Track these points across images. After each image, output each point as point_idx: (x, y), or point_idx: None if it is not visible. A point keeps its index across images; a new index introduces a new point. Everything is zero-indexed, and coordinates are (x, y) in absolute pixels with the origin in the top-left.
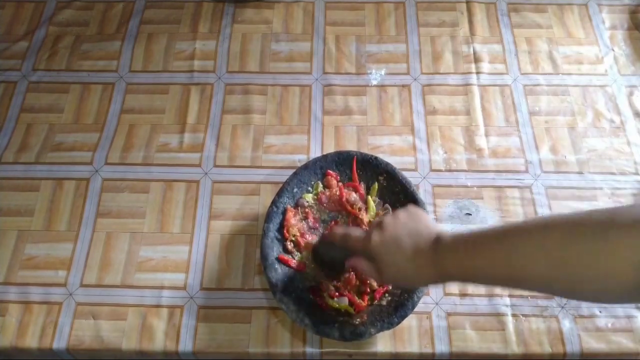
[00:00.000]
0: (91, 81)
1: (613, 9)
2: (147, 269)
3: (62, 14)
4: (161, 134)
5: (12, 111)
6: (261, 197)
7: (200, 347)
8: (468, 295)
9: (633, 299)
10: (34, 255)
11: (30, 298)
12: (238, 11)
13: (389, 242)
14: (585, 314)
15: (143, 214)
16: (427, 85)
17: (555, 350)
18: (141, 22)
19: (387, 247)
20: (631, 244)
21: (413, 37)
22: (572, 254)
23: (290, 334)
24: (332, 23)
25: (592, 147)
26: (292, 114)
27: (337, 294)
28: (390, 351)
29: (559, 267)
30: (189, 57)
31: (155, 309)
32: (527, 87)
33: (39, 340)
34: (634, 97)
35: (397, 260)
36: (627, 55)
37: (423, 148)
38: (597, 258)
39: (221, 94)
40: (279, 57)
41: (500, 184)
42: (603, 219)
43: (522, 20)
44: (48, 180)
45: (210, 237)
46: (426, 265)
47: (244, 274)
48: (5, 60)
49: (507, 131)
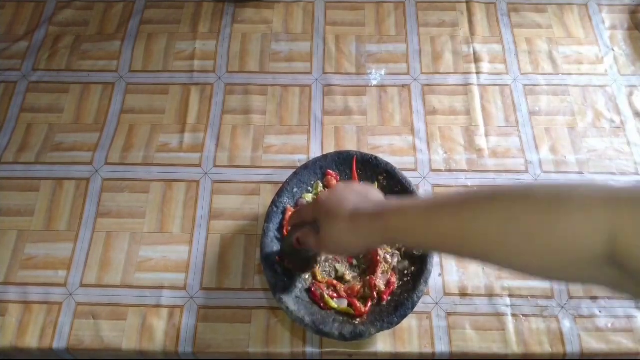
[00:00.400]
0: (91, 81)
1: (613, 9)
2: (147, 269)
3: (62, 14)
4: (161, 134)
5: (12, 111)
6: (261, 197)
7: (200, 347)
8: (468, 295)
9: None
10: (33, 255)
11: (30, 298)
12: (238, 11)
13: (333, 199)
14: (585, 314)
15: (143, 214)
16: (427, 85)
17: (555, 350)
18: (141, 22)
19: (330, 203)
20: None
21: (413, 37)
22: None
23: (290, 334)
24: (332, 23)
25: (592, 147)
26: (292, 114)
27: (337, 295)
28: (390, 351)
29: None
30: (189, 57)
31: (155, 309)
32: (527, 87)
33: (39, 340)
34: (634, 97)
35: (336, 218)
36: (627, 55)
37: (423, 148)
38: (551, 230)
39: (221, 94)
40: (279, 57)
41: (500, 184)
42: (555, 193)
43: (522, 20)
44: (48, 180)
45: (210, 237)
46: (367, 226)
47: (244, 274)
48: (5, 60)
49: (507, 131)
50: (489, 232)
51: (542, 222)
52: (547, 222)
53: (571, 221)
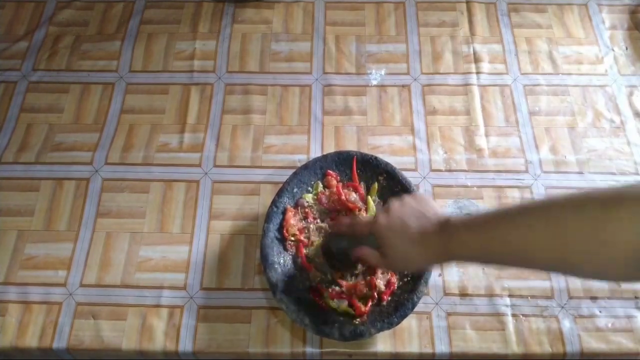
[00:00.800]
0: (91, 81)
1: (613, 9)
2: (147, 269)
3: (62, 14)
4: (161, 134)
5: (12, 111)
6: (261, 197)
7: (200, 347)
8: (468, 295)
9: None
10: (33, 255)
11: (30, 298)
12: (238, 11)
13: (396, 223)
14: (585, 314)
15: (143, 214)
16: (427, 85)
17: (555, 350)
18: (141, 22)
19: (394, 228)
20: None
21: (413, 37)
22: (577, 227)
23: (290, 334)
24: (332, 23)
25: (592, 147)
26: (292, 114)
27: (338, 295)
28: (390, 351)
29: (564, 241)
30: (189, 57)
31: (155, 309)
32: (527, 87)
33: (39, 340)
34: (634, 97)
35: (403, 242)
36: (627, 55)
37: (423, 148)
38: (603, 230)
39: (221, 94)
40: (279, 57)
41: (500, 184)
42: (608, 194)
43: (522, 20)
44: (48, 180)
45: (210, 237)
46: (433, 245)
47: (244, 274)
48: (5, 60)
49: (507, 131)
50: (544, 241)
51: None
52: (601, 222)
53: (622, 220)
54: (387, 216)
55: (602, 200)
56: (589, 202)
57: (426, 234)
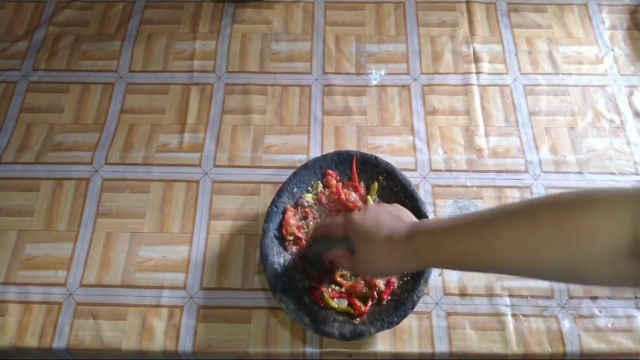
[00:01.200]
0: (91, 81)
1: (613, 9)
2: (147, 269)
3: (62, 14)
4: (161, 134)
5: (12, 111)
6: (261, 197)
7: (200, 347)
8: (468, 295)
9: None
10: (33, 255)
11: (30, 298)
12: (238, 11)
13: (368, 222)
14: (585, 314)
15: (143, 214)
16: (427, 86)
17: (555, 350)
18: (141, 22)
19: (365, 226)
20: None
21: (413, 37)
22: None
23: (290, 333)
24: (332, 23)
25: (592, 147)
26: (292, 114)
27: (338, 295)
28: (390, 351)
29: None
30: (188, 57)
31: (155, 309)
32: (527, 87)
33: (38, 340)
34: (634, 97)
35: (371, 242)
36: (627, 55)
37: (423, 148)
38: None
39: (221, 94)
40: (279, 57)
41: (500, 184)
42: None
43: (522, 20)
44: (48, 180)
45: (210, 237)
46: (398, 250)
47: (243, 274)
48: (5, 60)
49: (507, 131)
50: (508, 246)
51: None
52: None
53: (594, 219)
54: (361, 214)
55: (572, 202)
56: (557, 205)
57: (394, 237)
